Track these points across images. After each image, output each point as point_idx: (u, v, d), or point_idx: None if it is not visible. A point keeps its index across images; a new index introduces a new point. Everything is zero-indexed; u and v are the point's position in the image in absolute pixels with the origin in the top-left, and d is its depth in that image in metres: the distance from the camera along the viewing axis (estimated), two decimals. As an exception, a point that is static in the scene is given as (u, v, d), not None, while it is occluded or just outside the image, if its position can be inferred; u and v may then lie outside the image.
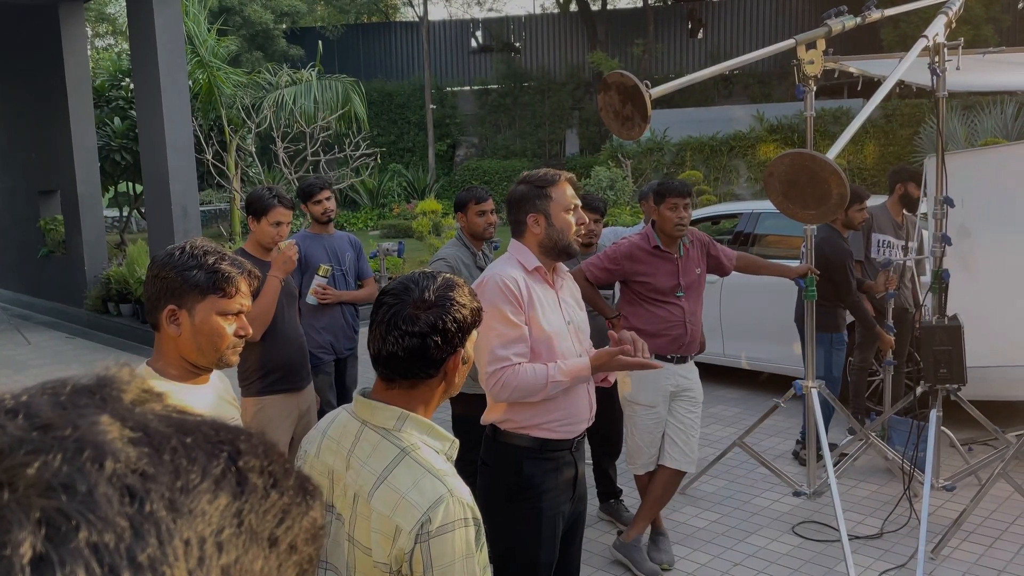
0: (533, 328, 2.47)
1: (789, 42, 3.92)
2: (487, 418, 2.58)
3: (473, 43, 26.39)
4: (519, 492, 2.49)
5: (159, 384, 1.84)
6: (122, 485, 0.42)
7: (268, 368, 3.48)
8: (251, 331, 1.93)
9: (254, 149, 11.69)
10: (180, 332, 1.84)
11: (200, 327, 1.83)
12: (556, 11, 26.90)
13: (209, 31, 12.65)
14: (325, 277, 4.22)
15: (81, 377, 0.48)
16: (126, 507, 0.41)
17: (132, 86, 11.69)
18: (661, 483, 3.85)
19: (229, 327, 1.86)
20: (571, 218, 2.57)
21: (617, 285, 4.21)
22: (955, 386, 4.05)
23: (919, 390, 4.23)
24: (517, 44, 25.91)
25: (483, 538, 1.54)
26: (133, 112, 11.77)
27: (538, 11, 30.29)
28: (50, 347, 9.27)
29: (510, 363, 2.41)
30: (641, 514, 3.90)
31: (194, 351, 1.85)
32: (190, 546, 0.42)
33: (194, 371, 1.89)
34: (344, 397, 4.38)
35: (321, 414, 3.76)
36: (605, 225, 4.86)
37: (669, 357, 3.81)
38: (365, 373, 5.24)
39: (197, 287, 1.82)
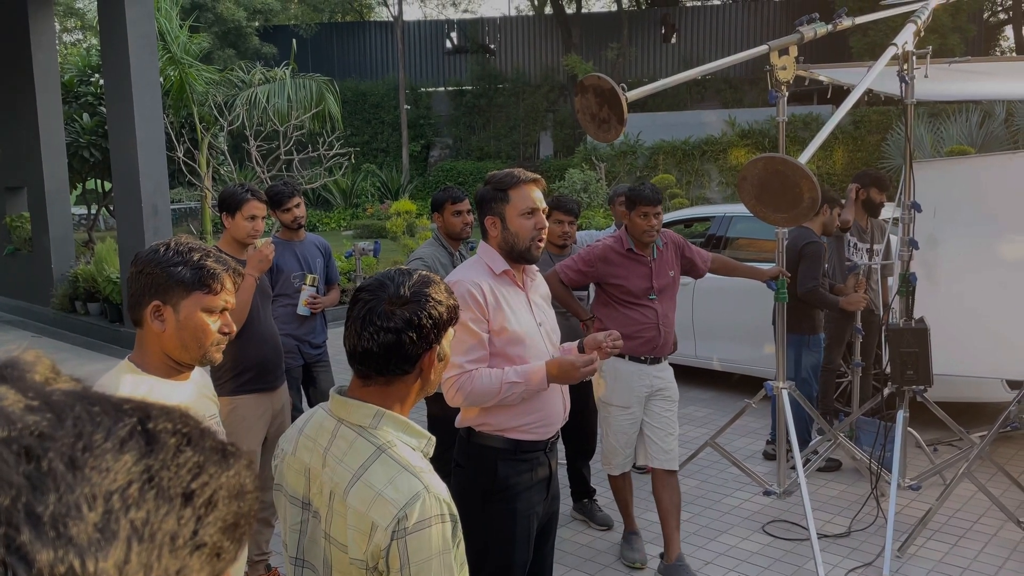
0: (504, 332, 2.46)
1: (763, 48, 3.98)
2: (463, 421, 2.56)
3: (448, 44, 26.38)
4: (493, 493, 2.48)
5: (139, 379, 1.83)
6: (19, 447, 0.42)
7: (242, 367, 3.46)
8: (235, 329, 1.93)
9: (226, 147, 11.57)
10: (164, 328, 1.83)
11: (185, 323, 1.83)
12: (531, 13, 26.97)
13: (181, 27, 12.51)
14: (314, 287, 4.24)
15: None
16: (23, 466, 0.41)
17: (102, 82, 11.51)
18: (660, 489, 3.80)
19: (213, 324, 1.86)
20: (528, 222, 2.51)
21: (592, 286, 4.23)
22: (921, 387, 4.14)
23: (886, 391, 4.31)
24: (492, 46, 25.93)
25: (460, 534, 1.54)
26: (102, 108, 11.60)
27: (513, 13, 30.34)
28: (15, 346, 9.09)
29: (464, 370, 2.41)
30: (668, 530, 3.79)
31: (178, 348, 1.84)
32: (94, 500, 0.42)
33: (176, 367, 1.89)
34: (320, 403, 4.37)
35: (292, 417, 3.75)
36: (579, 228, 4.89)
37: (643, 358, 3.83)
38: (339, 375, 5.22)
39: (182, 283, 1.82)
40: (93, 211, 15.34)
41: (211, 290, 1.85)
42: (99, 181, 14.21)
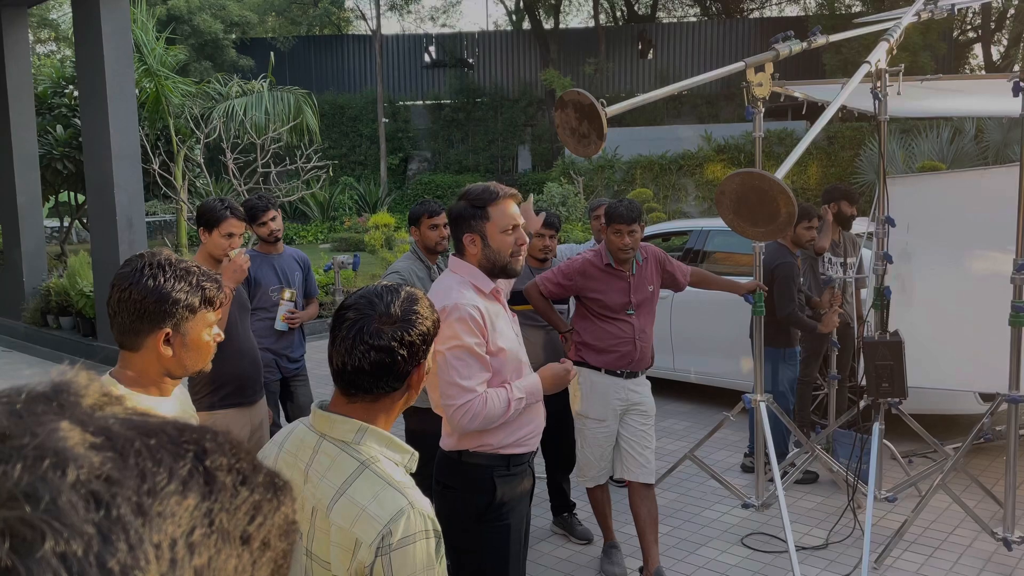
0: (501, 353, 2.46)
1: (739, 65, 4.03)
2: (457, 444, 2.49)
3: (426, 58, 26.43)
4: (490, 511, 2.46)
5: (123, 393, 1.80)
6: (87, 492, 0.41)
7: (220, 382, 3.41)
8: (222, 335, 1.93)
9: (202, 160, 11.48)
10: (173, 352, 1.81)
11: (193, 344, 1.82)
12: (509, 28, 27.11)
13: (157, 39, 12.43)
14: (292, 301, 4.24)
15: (36, 384, 0.47)
16: (92, 513, 0.40)
17: (76, 93, 11.40)
18: (637, 503, 3.81)
19: (208, 335, 1.86)
20: (509, 238, 2.50)
21: (572, 299, 4.24)
22: (896, 400, 4.18)
23: (862, 404, 4.35)
24: (470, 60, 26.03)
25: (443, 549, 1.54)
26: (76, 120, 11.48)
27: (491, 28, 30.49)
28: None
29: (476, 394, 2.38)
30: (645, 543, 3.80)
31: (182, 366, 1.84)
32: (161, 549, 0.42)
33: (167, 382, 1.88)
34: (297, 417, 4.35)
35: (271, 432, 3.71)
36: (560, 242, 4.90)
37: (619, 372, 3.85)
38: (316, 388, 5.17)
39: (189, 308, 1.80)
40: (66, 224, 15.15)
41: (215, 307, 1.85)
42: (72, 193, 14.05)
